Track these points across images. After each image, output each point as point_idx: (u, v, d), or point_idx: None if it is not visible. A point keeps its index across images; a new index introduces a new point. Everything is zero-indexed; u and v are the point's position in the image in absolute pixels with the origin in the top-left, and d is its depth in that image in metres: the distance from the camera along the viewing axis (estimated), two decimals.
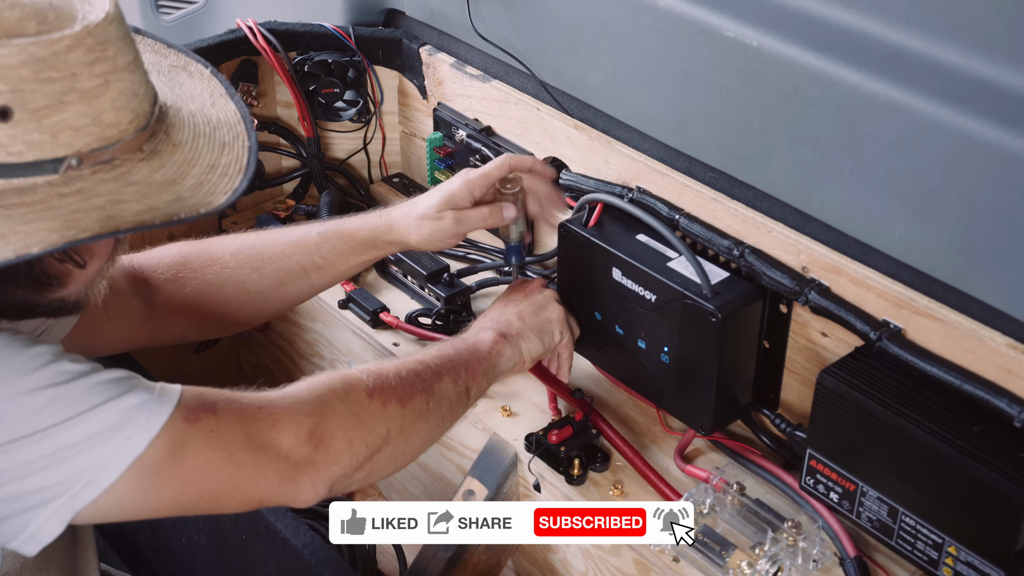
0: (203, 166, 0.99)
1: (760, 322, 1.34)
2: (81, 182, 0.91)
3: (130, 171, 0.94)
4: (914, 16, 1.13)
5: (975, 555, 1.11)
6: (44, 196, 0.89)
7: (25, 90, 0.87)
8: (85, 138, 0.91)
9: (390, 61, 1.84)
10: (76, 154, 0.90)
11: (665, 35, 1.36)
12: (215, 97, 1.08)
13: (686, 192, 1.40)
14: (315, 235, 1.42)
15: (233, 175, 1.00)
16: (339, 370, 1.19)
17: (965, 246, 1.13)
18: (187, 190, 0.97)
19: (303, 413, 1.08)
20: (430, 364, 1.24)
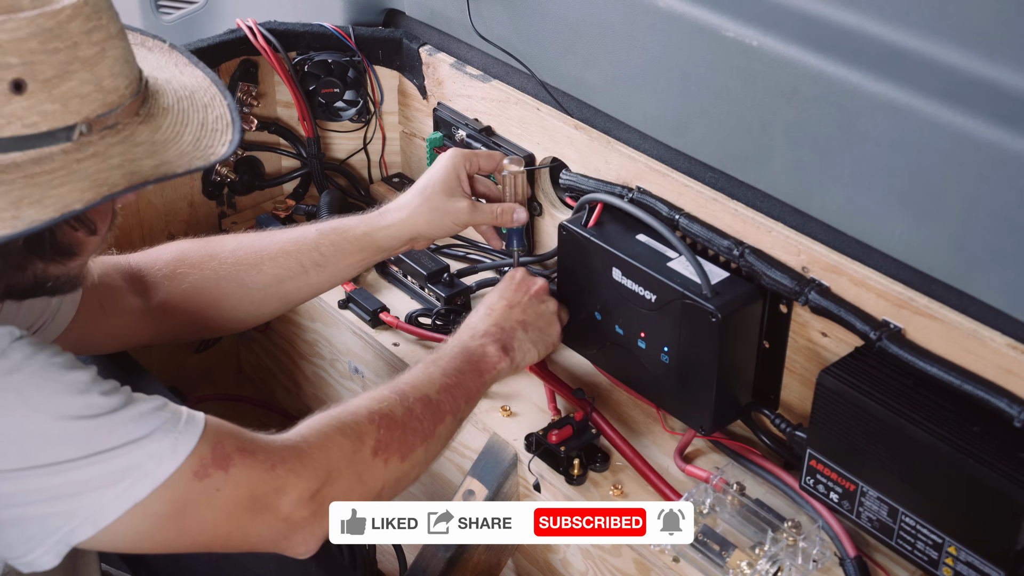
0: (195, 124, 1.04)
1: (760, 322, 1.34)
2: (93, 147, 0.94)
3: (133, 133, 0.98)
4: (914, 16, 1.13)
5: (975, 555, 1.11)
6: (62, 163, 0.93)
7: (35, 62, 0.90)
8: (91, 105, 0.94)
9: (390, 61, 1.84)
10: (85, 121, 0.94)
11: (665, 35, 1.36)
12: (181, 66, 1.13)
13: (686, 192, 1.40)
14: (314, 233, 1.43)
15: (223, 130, 1.05)
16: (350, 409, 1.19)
17: (965, 246, 1.13)
18: (188, 146, 1.01)
19: (309, 476, 1.09)
20: (434, 401, 1.24)
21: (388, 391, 1.22)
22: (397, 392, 1.23)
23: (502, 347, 1.35)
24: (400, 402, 1.21)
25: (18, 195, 0.90)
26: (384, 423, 1.18)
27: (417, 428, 1.20)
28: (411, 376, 1.27)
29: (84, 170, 0.93)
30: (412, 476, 1.21)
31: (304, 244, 1.42)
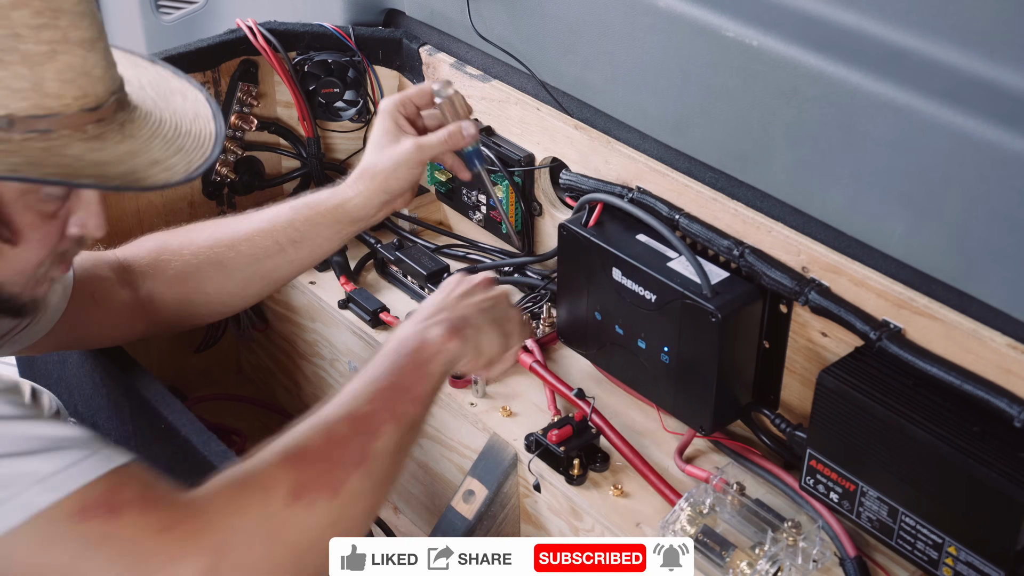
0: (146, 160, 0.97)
1: (760, 322, 1.34)
2: (6, 145, 0.89)
3: (65, 145, 0.92)
4: (914, 16, 1.13)
5: (975, 555, 1.11)
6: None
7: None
8: (21, 102, 0.89)
9: (390, 61, 1.84)
10: (8, 116, 0.89)
11: (665, 35, 1.36)
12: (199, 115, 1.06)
13: (686, 192, 1.40)
14: (287, 210, 1.41)
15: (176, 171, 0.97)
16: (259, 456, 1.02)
17: (965, 246, 1.13)
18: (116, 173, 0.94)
19: (206, 546, 0.92)
20: (363, 414, 1.06)
21: (304, 423, 1.05)
22: (314, 421, 1.06)
23: (448, 328, 1.15)
24: (318, 430, 1.04)
25: None
26: (299, 461, 1.01)
27: (344, 454, 1.03)
28: (333, 399, 1.09)
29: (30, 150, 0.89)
30: (358, 511, 1.04)
31: (279, 222, 1.40)
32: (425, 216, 1.86)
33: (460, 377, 1.50)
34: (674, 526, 1.26)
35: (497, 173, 1.66)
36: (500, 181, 1.66)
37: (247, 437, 1.83)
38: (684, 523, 1.26)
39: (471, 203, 1.76)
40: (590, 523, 1.33)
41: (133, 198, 1.78)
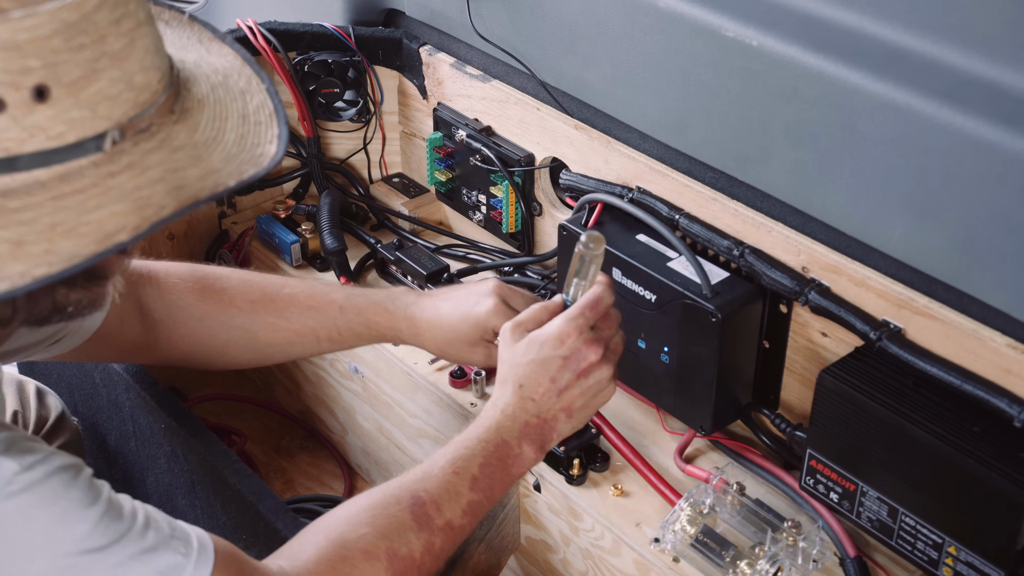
0: (235, 118, 0.90)
1: (760, 322, 1.34)
2: (127, 156, 0.82)
3: (170, 136, 0.85)
4: (914, 16, 1.13)
5: (975, 555, 1.11)
6: (94, 179, 0.80)
7: (59, 62, 0.78)
8: (122, 107, 0.81)
9: (390, 61, 1.84)
10: (117, 126, 0.81)
11: (665, 35, 1.36)
12: (206, 43, 0.99)
13: (686, 192, 1.40)
14: (337, 308, 1.36)
15: (267, 122, 0.92)
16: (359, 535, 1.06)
17: (965, 246, 1.13)
18: (233, 146, 0.88)
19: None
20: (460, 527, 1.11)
21: (411, 516, 1.08)
22: (420, 519, 1.09)
23: (539, 447, 1.19)
24: (423, 536, 1.08)
25: (48, 222, 0.78)
26: (400, 569, 1.05)
27: (432, 566, 1.09)
28: (437, 487, 1.12)
29: (120, 186, 0.81)
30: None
31: (326, 315, 1.36)
32: (425, 216, 1.86)
33: (461, 377, 1.50)
34: (674, 526, 1.26)
35: (497, 173, 1.66)
36: (500, 181, 1.66)
37: (247, 437, 1.83)
38: (684, 523, 1.26)
39: (471, 203, 1.76)
40: (590, 523, 1.33)
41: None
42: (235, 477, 1.36)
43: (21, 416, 1.55)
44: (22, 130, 0.77)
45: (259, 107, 0.92)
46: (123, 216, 0.80)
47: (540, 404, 1.18)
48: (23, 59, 0.76)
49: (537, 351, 1.18)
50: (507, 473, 1.17)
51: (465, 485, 1.13)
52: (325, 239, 1.72)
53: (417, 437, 1.61)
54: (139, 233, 0.80)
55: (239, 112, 0.91)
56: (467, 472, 1.13)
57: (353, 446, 1.78)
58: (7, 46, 0.76)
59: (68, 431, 1.60)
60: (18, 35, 0.76)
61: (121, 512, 0.91)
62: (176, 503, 1.52)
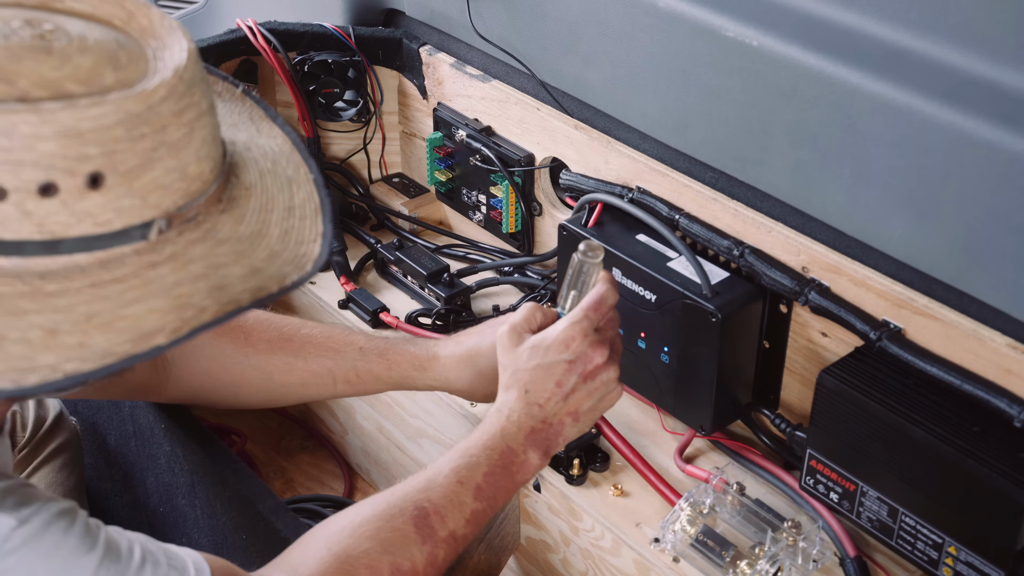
0: (281, 210, 0.88)
1: (760, 322, 1.34)
2: (170, 246, 0.80)
3: (215, 227, 0.83)
4: (914, 16, 1.13)
5: (975, 555, 1.11)
6: (135, 268, 0.78)
7: (118, 151, 0.76)
8: (172, 196, 0.79)
9: (390, 61, 1.84)
10: (164, 215, 0.79)
11: (665, 35, 1.36)
12: (257, 122, 0.97)
13: (686, 192, 1.40)
14: (357, 349, 1.33)
15: (312, 216, 0.89)
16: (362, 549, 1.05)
17: (965, 246, 1.13)
18: (277, 242, 0.86)
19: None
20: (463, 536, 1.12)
21: (414, 528, 1.07)
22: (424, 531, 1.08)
23: (544, 452, 1.18)
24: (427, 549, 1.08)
25: (84, 311, 0.76)
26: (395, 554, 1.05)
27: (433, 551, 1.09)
28: (441, 497, 1.11)
29: (161, 279, 0.78)
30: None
31: (344, 358, 1.32)
32: (425, 216, 1.86)
33: None
34: (674, 526, 1.26)
35: (497, 173, 1.66)
36: (500, 181, 1.66)
37: (247, 437, 1.83)
38: (684, 523, 1.26)
39: (471, 203, 1.76)
40: (590, 523, 1.33)
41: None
42: (235, 477, 1.36)
43: (19, 416, 1.55)
44: (71, 215, 0.75)
45: (305, 200, 0.90)
46: (161, 315, 0.78)
47: (546, 409, 1.17)
48: (83, 147, 0.74)
49: (542, 356, 1.16)
50: (511, 480, 1.16)
51: (469, 495, 1.12)
52: None
53: (417, 437, 1.61)
54: (178, 337, 0.78)
55: (285, 204, 0.89)
56: (471, 481, 1.12)
57: (353, 446, 1.78)
58: (69, 133, 0.74)
59: (66, 431, 1.60)
60: (81, 123, 0.74)
61: (119, 553, 0.89)
62: (176, 503, 1.52)
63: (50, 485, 1.54)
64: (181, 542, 1.54)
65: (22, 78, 0.74)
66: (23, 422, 1.55)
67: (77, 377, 0.75)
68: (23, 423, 1.55)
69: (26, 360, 0.74)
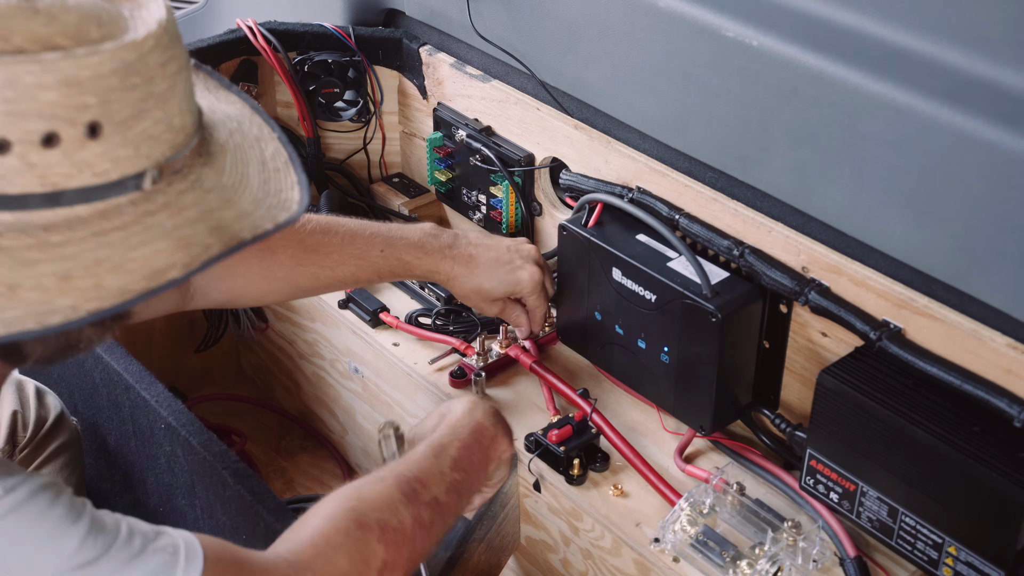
0: (255, 163, 0.92)
1: (760, 322, 1.34)
2: (163, 196, 0.83)
3: (200, 178, 0.87)
4: (914, 16, 1.13)
5: (975, 555, 1.11)
6: (133, 217, 0.81)
7: (112, 100, 0.79)
8: (161, 147, 0.83)
9: (390, 61, 1.84)
10: (156, 165, 0.82)
11: (665, 35, 1.36)
12: (214, 91, 1.01)
13: (686, 192, 1.40)
14: (378, 252, 1.41)
15: (284, 168, 0.94)
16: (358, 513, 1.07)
17: (965, 246, 1.13)
18: (258, 190, 0.90)
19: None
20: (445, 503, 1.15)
21: (397, 490, 1.11)
22: (408, 493, 1.11)
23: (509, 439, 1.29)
24: (411, 509, 1.11)
25: (93, 257, 0.79)
26: (393, 540, 1.07)
27: (424, 541, 1.11)
28: (419, 467, 1.16)
29: (160, 225, 0.82)
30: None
31: (366, 263, 1.40)
32: (425, 216, 1.86)
33: (461, 377, 1.50)
34: (674, 526, 1.26)
35: (497, 173, 1.66)
36: (500, 181, 1.66)
37: (247, 437, 1.83)
38: (684, 523, 1.26)
39: (471, 203, 1.76)
40: (590, 523, 1.33)
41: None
42: (235, 477, 1.36)
43: (20, 416, 1.55)
44: (72, 165, 0.78)
45: (275, 154, 0.94)
46: (169, 254, 0.82)
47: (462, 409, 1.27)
48: (82, 96, 0.77)
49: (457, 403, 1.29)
50: (484, 455, 1.22)
51: (447, 465, 1.17)
52: None
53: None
54: (191, 271, 0.82)
55: (257, 158, 0.93)
56: (446, 455, 1.18)
57: (353, 446, 1.78)
58: (70, 82, 0.77)
59: (67, 431, 1.60)
60: (81, 72, 0.77)
61: (104, 525, 0.90)
62: (176, 503, 1.52)
63: None
64: None
65: (16, 35, 0.76)
66: (24, 422, 1.55)
67: (97, 314, 0.78)
68: (24, 423, 1.55)
69: (44, 304, 0.77)
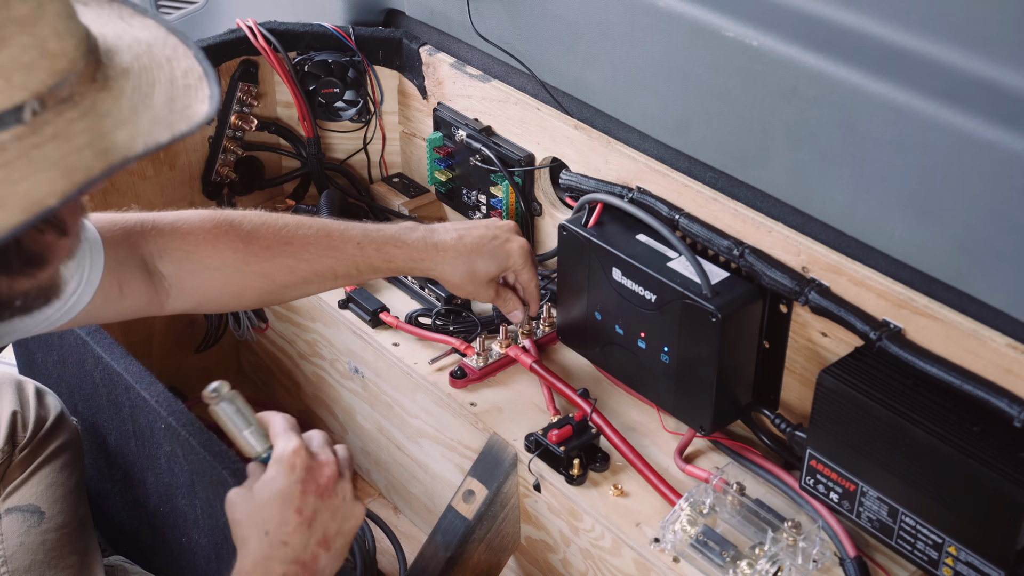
0: (163, 83, 0.86)
1: (760, 322, 1.34)
2: (51, 127, 0.77)
3: (94, 104, 0.80)
4: (914, 16, 1.13)
5: (975, 555, 1.11)
6: (18, 152, 0.76)
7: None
8: (38, 75, 0.76)
9: (390, 61, 1.84)
10: (35, 96, 0.76)
11: (665, 35, 1.36)
12: (127, 18, 0.94)
13: (686, 192, 1.40)
14: (355, 244, 1.36)
15: (196, 84, 0.87)
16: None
17: (965, 246, 1.13)
18: (162, 109, 0.84)
19: None
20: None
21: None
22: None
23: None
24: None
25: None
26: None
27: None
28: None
29: (46, 156, 0.77)
30: None
31: (344, 254, 1.35)
32: (425, 216, 1.86)
33: (461, 377, 1.50)
34: (674, 526, 1.26)
35: (497, 173, 1.66)
36: (500, 181, 1.66)
37: None
38: (684, 523, 1.26)
39: (471, 203, 1.76)
40: (590, 523, 1.33)
41: (131, 194, 1.78)
42: (235, 477, 1.36)
43: (20, 416, 1.55)
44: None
45: (187, 71, 0.88)
46: (50, 183, 0.76)
47: (294, 545, 1.06)
48: None
49: (270, 488, 1.07)
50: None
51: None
52: None
53: (417, 437, 1.61)
54: (67, 196, 0.76)
55: (167, 78, 0.86)
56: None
57: (353, 446, 1.78)
58: None
59: (67, 431, 1.60)
60: None
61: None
62: (176, 503, 1.52)
63: (51, 485, 1.54)
64: (181, 542, 1.55)
65: None
66: (24, 422, 1.55)
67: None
68: (24, 423, 1.55)
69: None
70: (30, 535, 1.49)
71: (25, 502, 1.51)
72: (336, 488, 1.09)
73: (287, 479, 1.07)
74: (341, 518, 1.09)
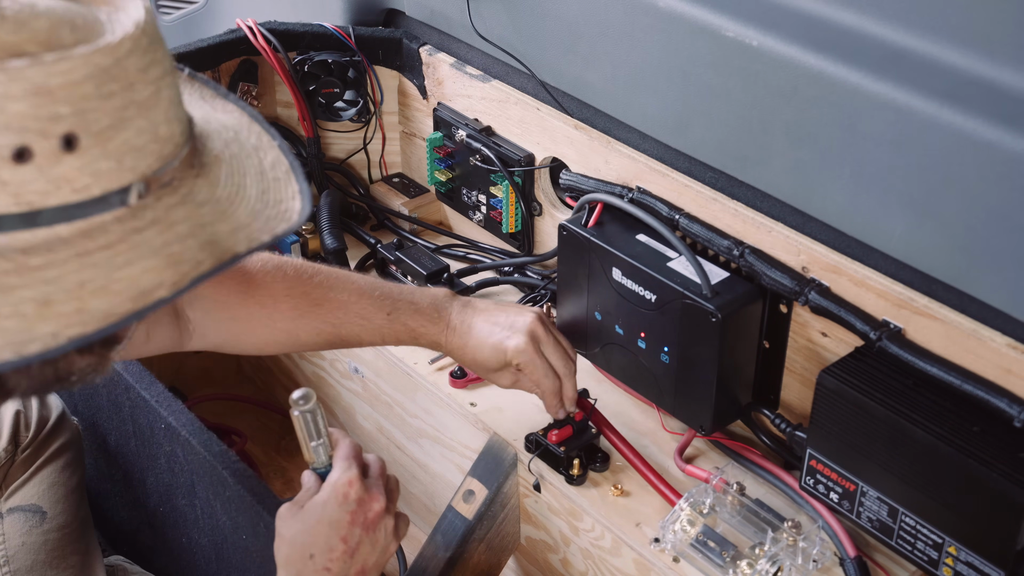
0: (253, 174, 0.87)
1: (760, 322, 1.34)
2: (151, 212, 0.77)
3: (192, 191, 0.80)
4: (914, 16, 1.13)
5: (975, 555, 1.11)
6: (119, 235, 0.75)
7: (89, 110, 0.73)
8: (147, 159, 0.76)
9: (390, 61, 1.84)
10: (141, 178, 0.76)
11: (665, 35, 1.36)
12: (209, 100, 0.96)
13: (686, 192, 1.40)
14: (384, 316, 1.33)
15: (284, 178, 0.88)
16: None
17: (965, 246, 1.13)
18: (256, 202, 0.84)
19: None
20: None
21: None
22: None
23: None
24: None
25: (76, 280, 0.73)
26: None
27: None
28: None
29: (149, 242, 0.76)
30: None
31: (372, 325, 1.33)
32: (425, 216, 1.86)
33: (461, 377, 1.50)
34: (674, 526, 1.26)
35: (497, 173, 1.66)
36: (500, 181, 1.66)
37: (247, 437, 1.83)
38: (684, 523, 1.26)
39: (471, 203, 1.76)
40: (590, 523, 1.33)
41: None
42: (235, 477, 1.36)
43: (23, 416, 1.55)
44: (47, 182, 0.72)
45: (274, 163, 0.89)
46: (157, 272, 0.76)
47: (335, 572, 1.12)
48: (54, 105, 0.71)
49: (321, 512, 1.12)
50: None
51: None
52: (325, 239, 1.72)
53: (417, 437, 1.61)
54: (179, 289, 0.76)
55: (256, 168, 0.88)
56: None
57: None
58: (39, 91, 0.71)
59: (68, 431, 1.60)
60: (51, 79, 0.71)
61: None
62: (176, 503, 1.52)
63: (52, 485, 1.54)
64: (181, 542, 1.55)
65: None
66: (27, 422, 1.56)
67: (79, 340, 0.72)
68: (27, 423, 1.55)
69: (23, 333, 0.72)
70: (32, 535, 1.49)
71: (27, 502, 1.52)
72: (381, 524, 1.15)
73: (338, 508, 1.12)
74: (378, 551, 1.15)
